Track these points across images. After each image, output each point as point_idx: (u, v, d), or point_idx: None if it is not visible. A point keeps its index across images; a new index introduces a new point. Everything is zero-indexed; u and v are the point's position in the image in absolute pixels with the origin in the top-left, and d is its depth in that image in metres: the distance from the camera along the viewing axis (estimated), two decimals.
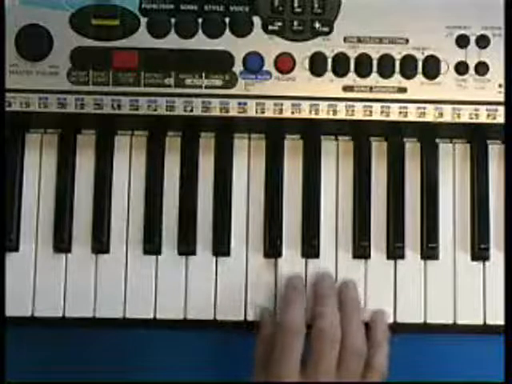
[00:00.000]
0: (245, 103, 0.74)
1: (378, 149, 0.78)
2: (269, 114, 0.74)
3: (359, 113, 0.75)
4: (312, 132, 0.77)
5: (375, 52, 0.75)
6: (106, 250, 0.76)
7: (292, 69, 0.74)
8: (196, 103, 0.74)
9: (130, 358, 0.78)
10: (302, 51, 0.74)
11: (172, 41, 0.74)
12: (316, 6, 0.75)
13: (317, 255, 0.76)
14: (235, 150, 0.77)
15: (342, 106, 0.75)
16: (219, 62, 0.74)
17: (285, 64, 0.74)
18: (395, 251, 0.76)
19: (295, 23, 0.74)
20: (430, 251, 0.76)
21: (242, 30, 0.74)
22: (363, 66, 0.75)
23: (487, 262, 0.76)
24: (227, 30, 0.74)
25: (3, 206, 0.74)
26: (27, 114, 0.74)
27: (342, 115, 0.75)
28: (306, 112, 0.74)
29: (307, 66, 0.75)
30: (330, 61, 0.75)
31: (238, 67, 0.74)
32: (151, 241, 0.75)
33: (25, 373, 0.75)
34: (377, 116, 0.75)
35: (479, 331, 0.76)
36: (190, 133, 0.77)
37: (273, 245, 0.75)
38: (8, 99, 0.73)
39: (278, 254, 0.76)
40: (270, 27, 0.74)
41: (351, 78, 0.75)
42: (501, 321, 0.74)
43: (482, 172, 0.77)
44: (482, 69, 0.75)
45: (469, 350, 0.77)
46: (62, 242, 0.75)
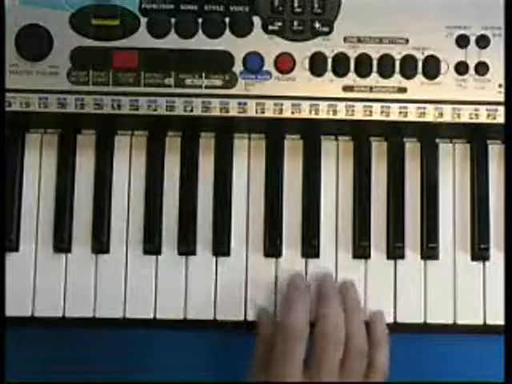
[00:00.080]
0: (245, 103, 0.74)
1: (378, 149, 0.78)
2: (269, 113, 0.74)
3: (359, 113, 0.75)
4: (312, 132, 0.77)
5: (375, 52, 0.75)
6: (106, 250, 0.76)
7: (292, 69, 0.74)
8: (196, 103, 0.74)
9: (130, 358, 0.77)
10: (301, 51, 0.74)
11: (172, 41, 0.74)
12: (316, 6, 0.75)
13: (317, 255, 0.76)
14: (235, 150, 0.77)
15: (341, 106, 0.75)
16: (219, 62, 0.74)
17: (285, 64, 0.74)
18: (395, 251, 0.76)
19: (295, 23, 0.74)
20: (429, 251, 0.76)
21: (241, 29, 0.74)
22: (363, 66, 0.75)
23: (487, 262, 0.76)
24: (227, 30, 0.74)
25: (3, 205, 0.74)
26: (27, 114, 0.74)
27: (341, 115, 0.75)
28: (305, 112, 0.74)
29: (307, 66, 0.74)
30: (329, 61, 0.75)
31: (237, 67, 0.74)
32: (151, 241, 0.75)
33: (25, 373, 0.75)
34: (377, 116, 0.75)
35: (479, 331, 0.76)
36: (189, 133, 0.77)
37: (273, 244, 0.75)
38: (8, 99, 0.73)
39: (278, 254, 0.76)
40: (270, 27, 0.74)
41: (351, 78, 0.75)
42: (501, 321, 0.74)
43: (481, 172, 0.77)
44: (482, 69, 0.75)
45: (469, 350, 0.77)
46: (62, 242, 0.75)
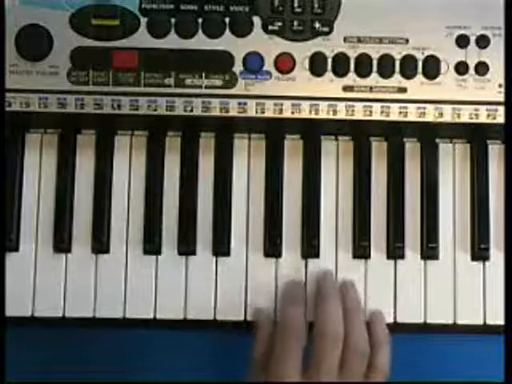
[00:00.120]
0: (245, 103, 0.74)
1: (378, 149, 0.78)
2: (269, 114, 0.74)
3: (359, 113, 0.75)
4: (312, 132, 0.77)
5: (375, 52, 0.75)
6: (106, 250, 0.76)
7: (292, 69, 0.74)
8: (196, 103, 0.74)
9: (130, 358, 0.77)
10: (302, 51, 0.74)
11: (172, 41, 0.74)
12: (316, 5, 0.75)
13: (317, 255, 0.76)
14: (235, 150, 0.77)
15: (341, 106, 0.74)
16: (219, 62, 0.74)
17: (285, 64, 0.74)
18: (395, 251, 0.76)
19: (295, 23, 0.74)
20: (430, 251, 0.76)
21: (242, 29, 0.74)
22: (363, 66, 0.75)
23: (487, 262, 0.76)
24: (227, 30, 0.74)
25: (3, 205, 0.74)
26: (27, 114, 0.74)
27: (341, 115, 0.75)
28: (305, 112, 0.74)
29: (307, 66, 0.74)
30: (329, 61, 0.74)
31: (237, 67, 0.74)
32: (151, 241, 0.75)
33: (25, 373, 0.75)
34: (377, 116, 0.75)
35: (479, 331, 0.76)
36: (190, 133, 0.77)
37: (273, 244, 0.75)
38: (8, 99, 0.73)
39: (278, 254, 0.76)
40: (270, 27, 0.74)
41: (351, 78, 0.75)
42: (501, 321, 0.74)
43: (482, 172, 0.77)
44: (482, 69, 0.75)
45: (469, 350, 0.77)
46: (62, 241, 0.75)
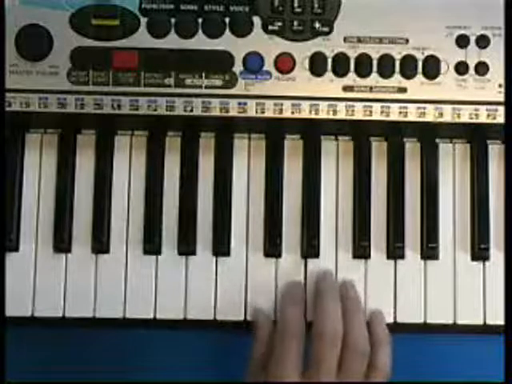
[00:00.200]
0: (245, 103, 0.74)
1: (378, 149, 0.78)
2: (269, 114, 0.74)
3: (359, 113, 0.75)
4: (312, 132, 0.77)
5: (375, 52, 0.75)
6: (106, 250, 0.76)
7: (292, 69, 0.74)
8: (196, 103, 0.74)
9: (130, 358, 0.77)
10: (302, 51, 0.74)
11: (172, 41, 0.74)
12: (316, 5, 0.74)
13: (317, 255, 0.76)
14: (235, 150, 0.77)
15: (341, 106, 0.74)
16: (219, 62, 0.74)
17: (285, 64, 0.74)
18: (395, 251, 0.76)
19: (295, 23, 0.74)
20: (430, 251, 0.76)
21: (242, 29, 0.74)
22: (363, 66, 0.75)
23: (487, 262, 0.76)
24: (227, 30, 0.74)
25: (3, 205, 0.74)
26: (27, 114, 0.74)
27: (342, 115, 0.75)
28: (306, 112, 0.74)
29: (307, 66, 0.74)
30: (329, 61, 0.74)
31: (238, 67, 0.74)
32: (151, 241, 0.75)
33: (25, 373, 0.75)
34: (377, 116, 0.75)
35: (479, 331, 0.76)
36: (190, 133, 0.77)
37: (273, 244, 0.75)
38: (8, 99, 0.73)
39: (278, 254, 0.76)
40: (270, 27, 0.74)
41: (351, 78, 0.75)
42: (501, 321, 0.74)
43: (482, 172, 0.77)
44: (482, 69, 0.75)
45: (469, 350, 0.77)
46: (62, 241, 0.75)
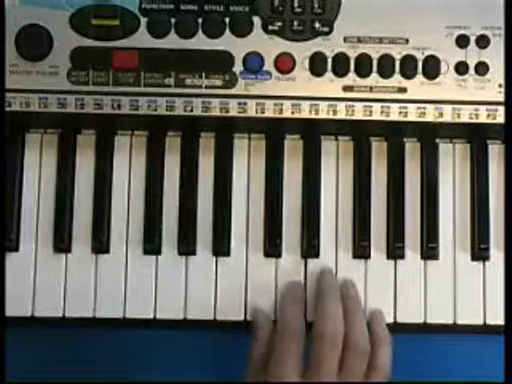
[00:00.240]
0: (245, 103, 0.74)
1: (378, 149, 0.78)
2: (269, 114, 0.74)
3: (359, 113, 0.75)
4: (312, 132, 0.77)
5: (375, 52, 0.75)
6: (106, 250, 0.76)
7: (292, 69, 0.74)
8: (196, 103, 0.74)
9: (130, 358, 0.77)
10: (302, 51, 0.74)
11: (172, 41, 0.74)
12: (316, 5, 0.74)
13: (317, 255, 0.76)
14: (235, 150, 0.77)
15: (341, 106, 0.74)
16: (219, 62, 0.74)
17: (285, 64, 0.74)
18: (395, 251, 0.76)
19: (295, 23, 0.74)
20: (430, 251, 0.76)
21: (242, 29, 0.74)
22: (363, 66, 0.75)
23: (487, 262, 0.76)
24: (227, 30, 0.74)
25: (3, 205, 0.74)
26: (27, 114, 0.74)
27: (342, 115, 0.75)
28: (306, 112, 0.74)
29: (307, 66, 0.74)
30: (329, 61, 0.74)
31: (237, 67, 0.74)
32: (151, 241, 0.75)
33: (25, 373, 0.75)
34: (377, 116, 0.75)
35: (479, 331, 0.76)
36: (190, 133, 0.77)
37: (273, 244, 0.75)
38: (8, 99, 0.73)
39: (278, 254, 0.76)
40: (270, 27, 0.74)
41: (351, 78, 0.75)
42: (501, 321, 0.74)
43: (482, 172, 0.77)
44: (482, 69, 0.75)
45: (469, 350, 0.77)
46: (62, 241, 0.75)
